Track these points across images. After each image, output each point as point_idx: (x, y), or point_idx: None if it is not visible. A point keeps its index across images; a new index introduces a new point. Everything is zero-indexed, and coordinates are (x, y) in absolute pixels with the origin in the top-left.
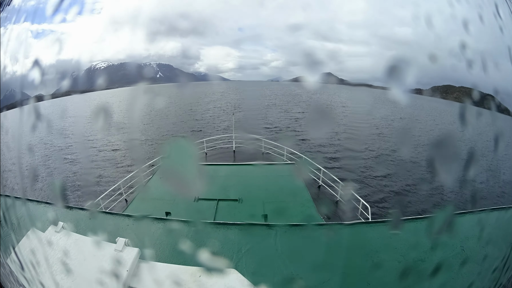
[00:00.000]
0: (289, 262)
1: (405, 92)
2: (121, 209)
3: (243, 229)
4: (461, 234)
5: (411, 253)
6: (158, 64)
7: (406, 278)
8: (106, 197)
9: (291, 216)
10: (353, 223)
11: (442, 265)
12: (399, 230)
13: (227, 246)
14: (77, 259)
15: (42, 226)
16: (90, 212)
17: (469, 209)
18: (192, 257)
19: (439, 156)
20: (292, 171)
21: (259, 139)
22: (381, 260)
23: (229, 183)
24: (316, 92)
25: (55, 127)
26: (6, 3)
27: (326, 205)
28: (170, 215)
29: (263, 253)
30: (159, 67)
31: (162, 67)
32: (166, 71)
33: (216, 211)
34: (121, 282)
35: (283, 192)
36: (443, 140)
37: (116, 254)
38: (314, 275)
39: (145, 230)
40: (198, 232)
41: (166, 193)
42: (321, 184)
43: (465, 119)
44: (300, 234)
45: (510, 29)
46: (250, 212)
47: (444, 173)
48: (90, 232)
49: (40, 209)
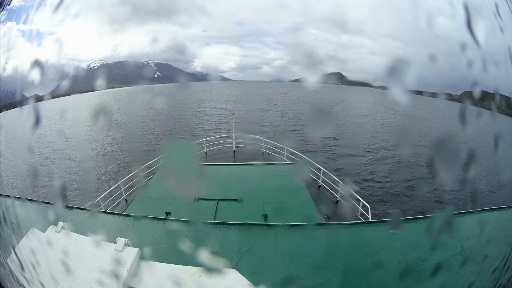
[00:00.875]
0: (289, 262)
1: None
2: (121, 209)
3: (243, 229)
4: (461, 234)
5: (411, 253)
6: (157, 64)
7: (406, 278)
8: (106, 197)
9: (291, 216)
10: (353, 223)
11: (442, 265)
12: (399, 230)
13: (227, 246)
14: (77, 259)
15: (42, 226)
16: (90, 212)
17: (469, 209)
18: (192, 257)
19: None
20: (292, 171)
21: (259, 139)
22: (381, 260)
23: (229, 183)
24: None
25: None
26: (7, 3)
27: (326, 205)
28: (170, 215)
29: (263, 253)
30: (158, 66)
31: (160, 67)
32: (165, 71)
33: (216, 211)
34: (121, 282)
35: (283, 192)
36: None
37: (116, 254)
38: (314, 275)
39: (145, 230)
40: (198, 232)
41: (166, 193)
42: (321, 184)
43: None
44: (300, 234)
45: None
46: (250, 212)
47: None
48: (90, 232)
49: (40, 209)
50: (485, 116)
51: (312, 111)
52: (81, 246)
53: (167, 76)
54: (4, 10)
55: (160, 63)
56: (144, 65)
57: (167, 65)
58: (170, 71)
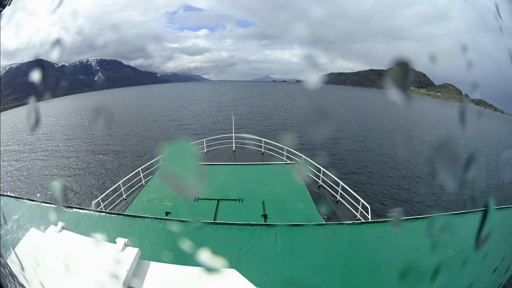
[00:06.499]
0: (289, 262)
1: None
2: (121, 209)
3: (243, 229)
4: (461, 234)
5: (411, 253)
6: (100, 61)
7: (406, 278)
8: (106, 197)
9: (291, 216)
10: (353, 223)
11: (442, 265)
12: (399, 230)
13: (227, 246)
14: (77, 259)
15: (42, 226)
16: (90, 212)
17: (469, 209)
18: (192, 257)
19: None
20: (292, 171)
21: (259, 139)
22: (381, 260)
23: (229, 183)
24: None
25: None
26: (7, 3)
27: (326, 205)
28: (170, 215)
29: (263, 253)
30: (101, 64)
31: (104, 64)
32: (111, 70)
33: (216, 211)
34: (121, 282)
35: (283, 192)
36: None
37: (116, 254)
38: (314, 275)
39: (145, 230)
40: (198, 232)
41: (166, 193)
42: (321, 184)
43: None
44: (300, 234)
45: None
46: (250, 212)
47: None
48: (90, 232)
49: (40, 209)
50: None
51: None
52: (81, 246)
53: (114, 78)
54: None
55: (104, 60)
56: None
57: (115, 61)
58: (118, 69)
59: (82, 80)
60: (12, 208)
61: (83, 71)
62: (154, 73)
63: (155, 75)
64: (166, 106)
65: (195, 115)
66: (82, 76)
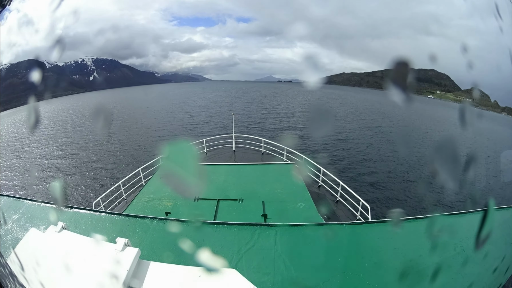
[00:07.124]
0: (289, 262)
1: None
2: (121, 209)
3: (243, 229)
4: (461, 234)
5: (411, 253)
6: (95, 60)
7: (406, 278)
8: (106, 197)
9: (291, 216)
10: (353, 223)
11: (442, 265)
12: (399, 230)
13: (227, 246)
14: (77, 259)
15: (42, 226)
16: (90, 212)
17: (469, 209)
18: (192, 257)
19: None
20: (292, 171)
21: (259, 139)
22: (381, 260)
23: (229, 183)
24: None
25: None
26: (7, 3)
27: (326, 205)
28: (170, 215)
29: (263, 253)
30: (96, 63)
31: (100, 64)
32: (107, 69)
33: (216, 211)
34: (121, 282)
35: (283, 192)
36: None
37: (116, 254)
38: (314, 275)
39: (145, 230)
40: (198, 232)
41: (166, 193)
42: (321, 184)
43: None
44: (300, 234)
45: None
46: (250, 212)
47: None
48: (90, 232)
49: (40, 209)
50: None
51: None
52: (81, 246)
53: (110, 78)
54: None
55: (100, 59)
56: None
57: (111, 61)
58: (115, 69)
59: (77, 81)
60: (12, 208)
61: (78, 70)
62: (153, 73)
63: (154, 75)
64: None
65: (195, 115)
66: (77, 76)
